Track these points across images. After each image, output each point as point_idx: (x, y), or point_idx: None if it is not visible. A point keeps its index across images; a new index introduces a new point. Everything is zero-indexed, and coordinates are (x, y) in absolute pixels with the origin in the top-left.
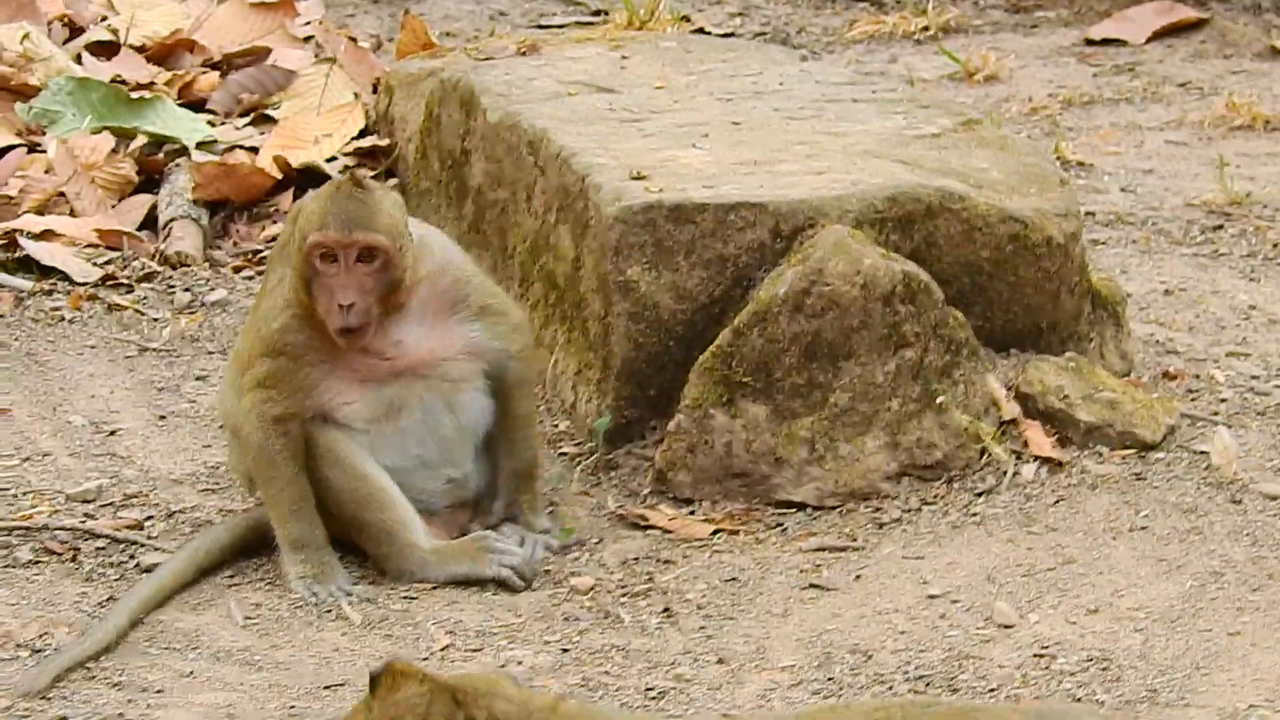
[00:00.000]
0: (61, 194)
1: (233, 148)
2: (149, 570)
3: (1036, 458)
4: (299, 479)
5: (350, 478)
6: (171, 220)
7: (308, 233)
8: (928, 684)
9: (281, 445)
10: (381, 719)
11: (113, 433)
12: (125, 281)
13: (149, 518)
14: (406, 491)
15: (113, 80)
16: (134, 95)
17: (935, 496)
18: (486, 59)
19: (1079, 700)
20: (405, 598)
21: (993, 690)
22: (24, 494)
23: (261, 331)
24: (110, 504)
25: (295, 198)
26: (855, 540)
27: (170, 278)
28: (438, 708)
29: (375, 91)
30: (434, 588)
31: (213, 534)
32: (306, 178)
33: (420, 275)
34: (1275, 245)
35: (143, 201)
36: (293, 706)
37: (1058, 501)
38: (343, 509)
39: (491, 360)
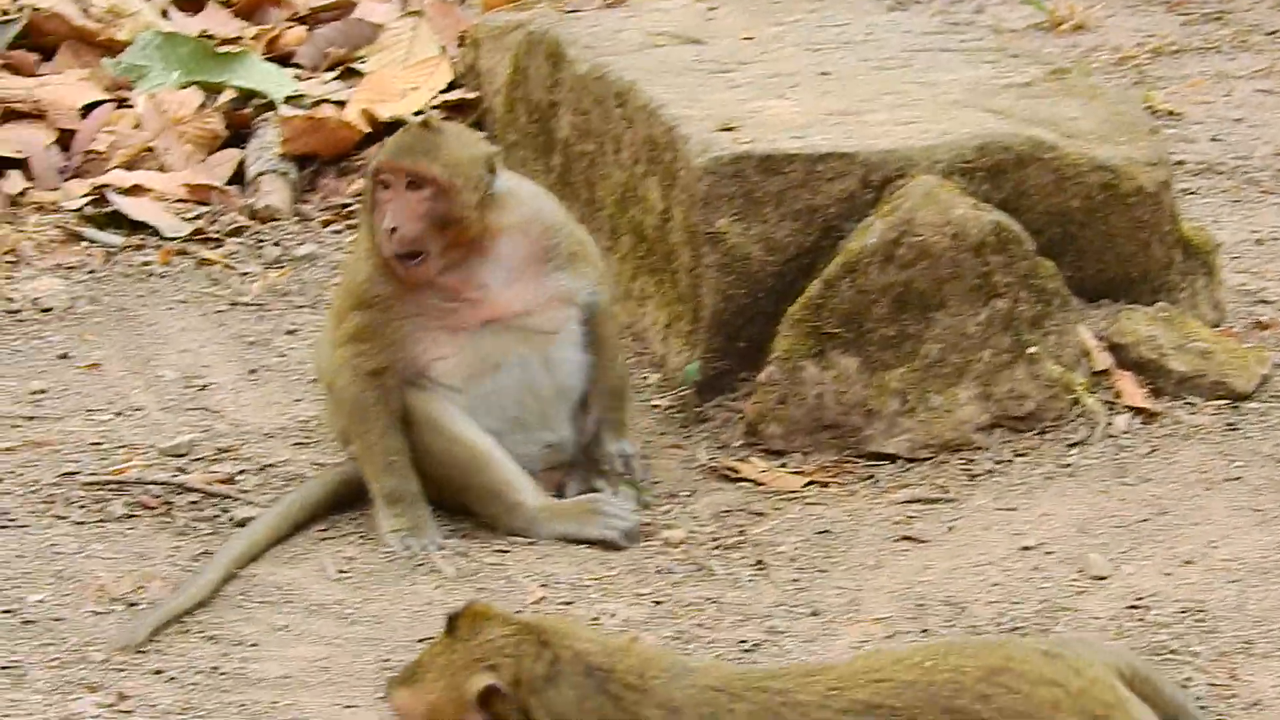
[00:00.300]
0: (150, 149)
1: (320, 102)
2: (242, 524)
3: (1129, 408)
4: (393, 433)
5: (449, 442)
6: (260, 175)
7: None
8: (1022, 636)
9: (375, 399)
10: (468, 659)
11: (204, 387)
12: (214, 236)
13: (241, 472)
14: (513, 443)
15: (200, 35)
16: (221, 50)
17: (1027, 448)
18: (573, 11)
19: (1174, 652)
20: (498, 551)
21: None
22: (117, 448)
23: (349, 284)
24: (202, 458)
25: None
26: (947, 492)
27: (259, 232)
28: (526, 647)
29: (461, 45)
30: (534, 543)
31: (306, 488)
32: (394, 131)
33: (505, 222)
34: None
35: (231, 156)
36: (386, 660)
37: (1151, 452)
38: (446, 474)
39: (581, 306)
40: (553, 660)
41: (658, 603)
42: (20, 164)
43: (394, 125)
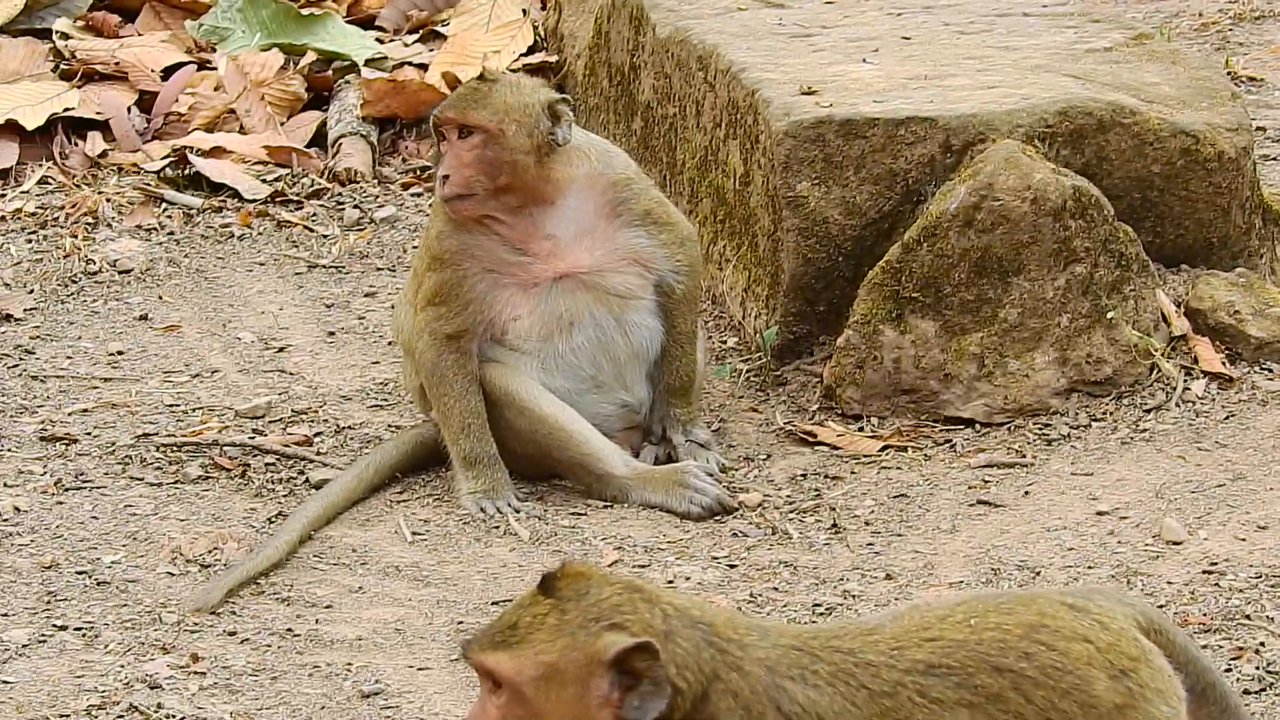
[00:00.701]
0: (231, 111)
1: (402, 64)
2: (318, 486)
3: (1206, 373)
4: (471, 396)
5: (531, 421)
6: (340, 137)
7: None
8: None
9: (454, 362)
10: (585, 618)
11: (281, 349)
12: (294, 198)
13: (318, 434)
14: (590, 406)
15: None
16: (303, 12)
17: (1104, 413)
18: None
19: (1248, 618)
20: (573, 514)
21: (1161, 607)
22: (193, 410)
23: (425, 244)
24: (279, 420)
25: None
26: (1024, 457)
27: (339, 194)
28: (640, 604)
29: (544, 8)
30: (607, 506)
31: (382, 450)
32: None
33: (572, 174)
34: None
35: (312, 118)
36: (461, 622)
37: (1227, 418)
38: (529, 451)
39: (657, 271)
40: (664, 614)
41: (732, 566)
42: (101, 125)
43: None
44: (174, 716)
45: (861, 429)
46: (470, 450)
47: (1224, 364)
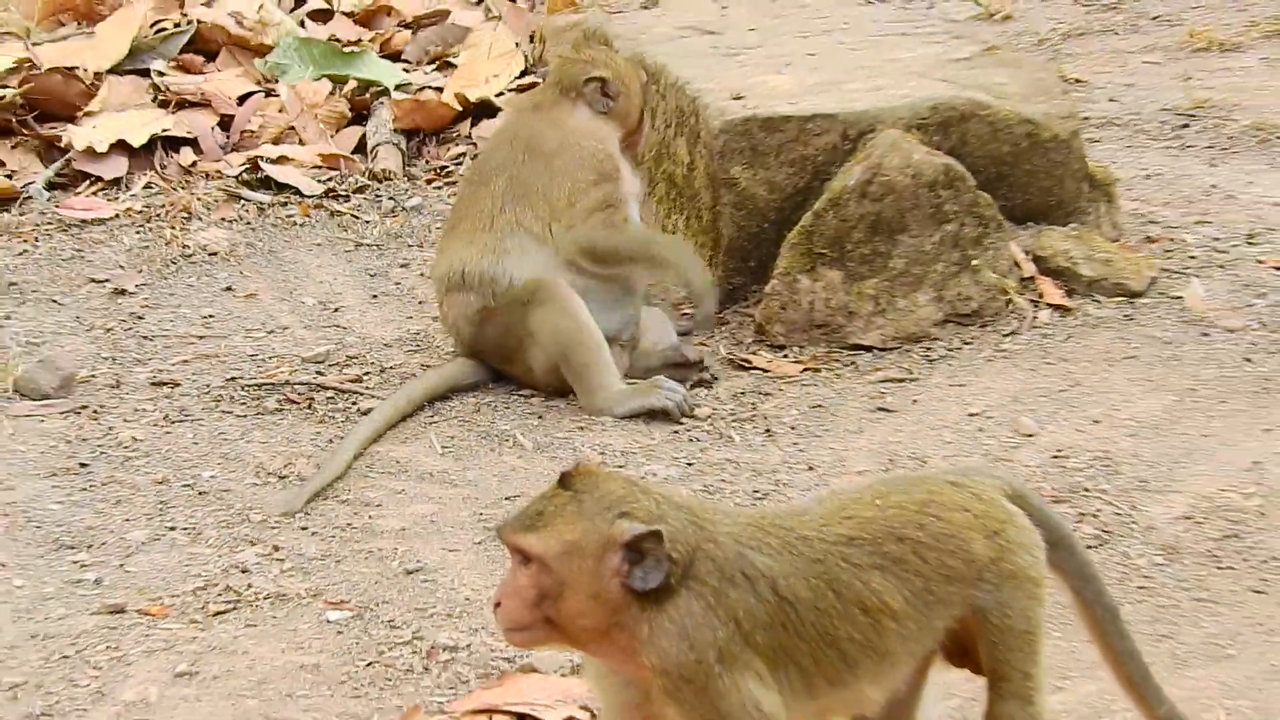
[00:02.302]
0: (291, 128)
1: (423, 88)
2: (367, 413)
3: (1050, 305)
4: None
5: (576, 325)
6: (377, 145)
7: (643, 85)
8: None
9: (640, 229)
10: (599, 506)
11: (336, 309)
12: (343, 193)
13: (366, 373)
14: (608, 319)
15: (329, 39)
16: (346, 50)
17: (972, 338)
18: (617, 12)
19: (1087, 491)
20: (565, 427)
21: None
22: (269, 358)
23: (589, 166)
24: (336, 364)
25: (473, 125)
26: (911, 373)
27: (377, 189)
28: (639, 495)
29: (532, 41)
30: (595, 420)
31: (416, 384)
32: (481, 109)
33: None
34: (1229, 138)
35: (354, 132)
36: (481, 514)
37: (1067, 338)
38: (556, 348)
39: None
40: (658, 502)
41: (689, 464)
42: (191, 142)
43: (481, 104)
44: (261, 593)
45: (786, 356)
46: (693, 265)
47: (1063, 298)
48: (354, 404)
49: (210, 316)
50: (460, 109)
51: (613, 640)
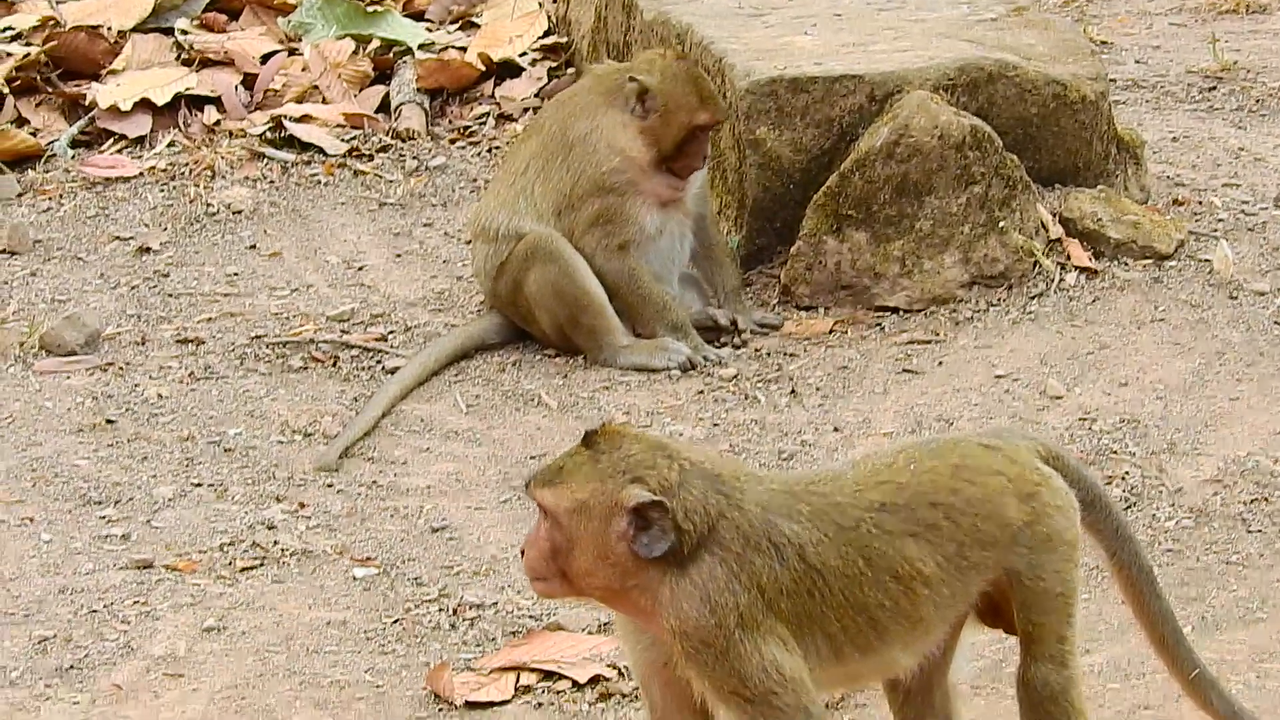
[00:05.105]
0: (315, 87)
1: (446, 48)
2: (392, 372)
3: (1077, 268)
4: (657, 283)
5: (579, 290)
6: (401, 104)
7: (697, 109)
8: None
9: (634, 263)
10: (614, 469)
11: (360, 268)
12: (366, 153)
13: (391, 332)
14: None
15: None
16: (369, 9)
17: (999, 299)
18: None
19: (1114, 453)
20: (591, 387)
21: None
22: (294, 316)
23: (590, 174)
24: (361, 322)
25: (496, 85)
26: (938, 335)
27: (401, 149)
28: (659, 459)
29: (555, 1)
30: (620, 379)
31: (440, 342)
32: (504, 69)
33: None
34: (1257, 101)
35: (378, 91)
36: (506, 473)
37: (1094, 301)
38: (562, 309)
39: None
40: (680, 470)
41: (715, 424)
42: (215, 101)
43: (504, 64)
44: (287, 550)
45: (812, 317)
46: (677, 319)
47: (1090, 260)
48: (378, 362)
49: (235, 274)
50: (484, 69)
51: (633, 601)
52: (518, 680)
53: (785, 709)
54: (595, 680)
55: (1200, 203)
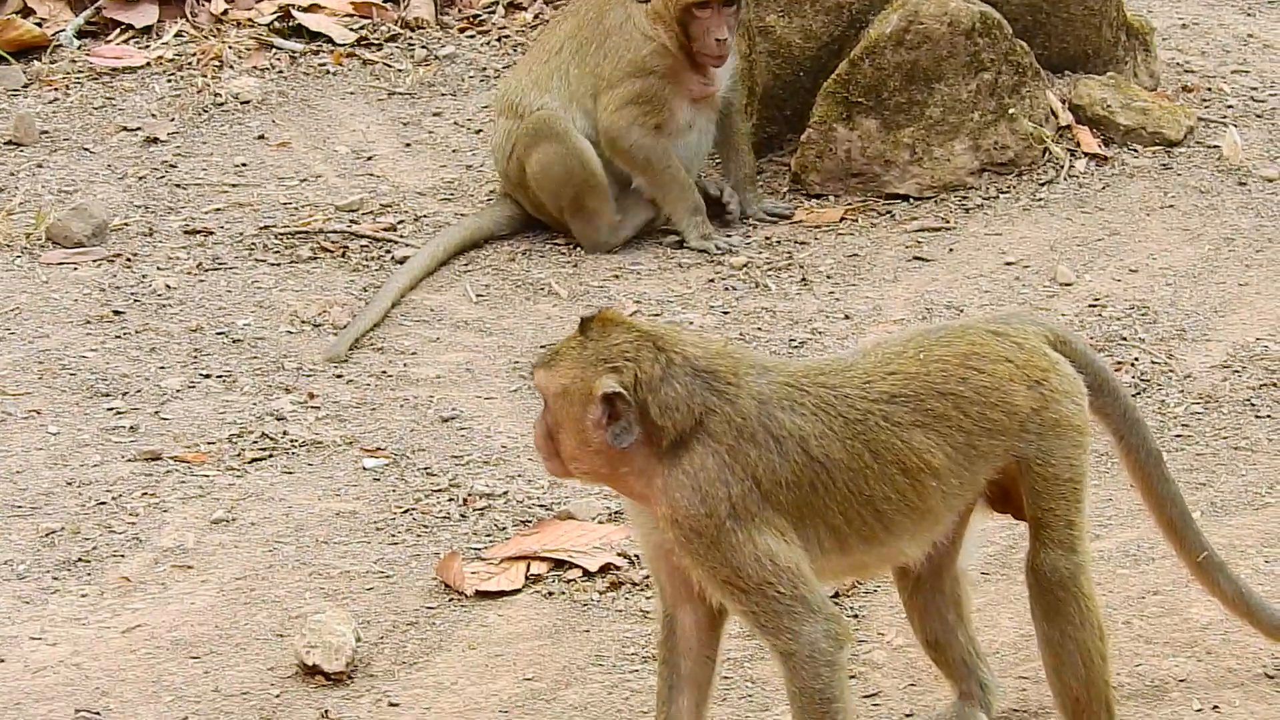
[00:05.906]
0: None
1: None
2: (402, 261)
3: (1086, 154)
4: (681, 167)
5: (586, 171)
6: None
7: None
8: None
9: (668, 143)
10: (596, 357)
11: (370, 158)
12: (375, 42)
13: (400, 221)
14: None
15: None
16: None
17: (1009, 186)
18: None
19: (1124, 339)
20: (601, 277)
21: None
22: (303, 206)
23: (629, 57)
24: (370, 212)
25: None
26: (948, 222)
27: (410, 38)
28: (645, 352)
29: None
30: (630, 268)
31: (450, 232)
32: None
33: None
34: None
35: None
36: (516, 362)
37: (1104, 188)
38: (564, 189)
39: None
40: (667, 363)
41: (725, 312)
42: None
43: None
44: (297, 441)
45: (822, 205)
46: (695, 202)
47: (1100, 146)
48: (388, 252)
49: (243, 165)
50: None
51: (629, 486)
52: (528, 569)
53: (780, 598)
54: (606, 569)
55: (1209, 89)
